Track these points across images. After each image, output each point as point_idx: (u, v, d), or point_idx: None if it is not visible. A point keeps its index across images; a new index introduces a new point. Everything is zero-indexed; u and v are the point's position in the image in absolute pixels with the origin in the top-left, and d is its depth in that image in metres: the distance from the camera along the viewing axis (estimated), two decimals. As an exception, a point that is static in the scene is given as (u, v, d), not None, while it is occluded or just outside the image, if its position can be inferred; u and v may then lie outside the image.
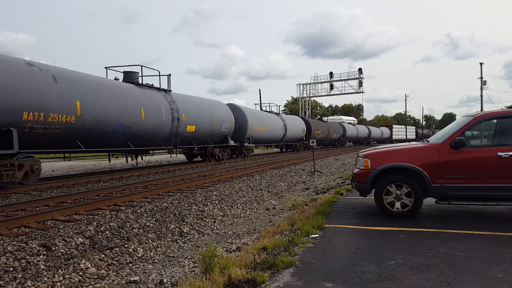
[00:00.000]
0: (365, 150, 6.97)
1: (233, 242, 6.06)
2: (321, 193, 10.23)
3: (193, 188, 10.24)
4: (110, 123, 12.41)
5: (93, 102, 11.71)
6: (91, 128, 11.68)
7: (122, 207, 7.61)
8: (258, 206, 9.55)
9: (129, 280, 4.55)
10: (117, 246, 5.55)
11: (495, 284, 3.39)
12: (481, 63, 48.02)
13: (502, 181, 5.65)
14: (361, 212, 6.78)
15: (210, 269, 3.86)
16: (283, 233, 5.52)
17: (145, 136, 14.27)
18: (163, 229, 6.73)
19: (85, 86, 11.66)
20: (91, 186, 10.79)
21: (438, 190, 5.89)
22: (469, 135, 6.14)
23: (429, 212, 6.63)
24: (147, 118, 13.99)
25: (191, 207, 8.23)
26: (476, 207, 6.97)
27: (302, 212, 6.96)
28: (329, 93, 52.62)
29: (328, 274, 3.72)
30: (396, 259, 4.11)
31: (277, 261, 3.96)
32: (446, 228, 5.41)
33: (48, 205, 7.70)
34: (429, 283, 3.43)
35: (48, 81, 10.40)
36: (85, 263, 4.81)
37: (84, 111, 11.23)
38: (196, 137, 17.59)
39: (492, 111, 6.48)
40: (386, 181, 6.15)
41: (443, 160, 5.89)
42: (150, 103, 14.35)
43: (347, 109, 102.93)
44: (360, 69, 50.41)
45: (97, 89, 12.16)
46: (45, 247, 5.03)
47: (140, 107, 13.66)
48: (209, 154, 18.91)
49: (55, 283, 4.28)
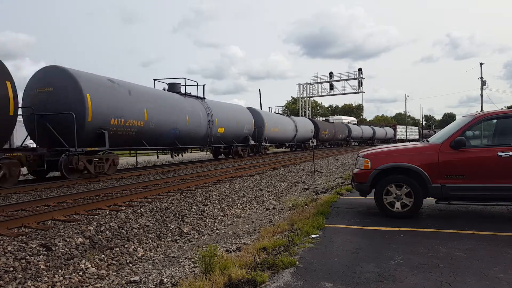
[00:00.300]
0: (365, 150, 6.97)
1: (233, 242, 6.06)
2: (321, 193, 10.23)
3: (193, 188, 10.23)
4: (166, 127, 15.42)
5: (156, 110, 14.63)
6: (154, 131, 14.65)
7: (122, 207, 7.61)
8: (258, 206, 9.55)
9: (129, 280, 4.55)
10: (117, 246, 5.55)
11: (495, 284, 3.39)
12: (481, 63, 48.12)
13: (502, 181, 5.64)
14: (361, 212, 6.78)
15: (210, 269, 3.86)
16: (283, 233, 5.52)
17: (188, 137, 17.27)
18: (163, 229, 6.73)
19: (149, 97, 14.65)
20: (91, 186, 10.79)
21: (438, 190, 5.89)
22: (469, 135, 6.14)
23: (429, 212, 6.63)
24: (190, 123, 17.05)
25: (191, 207, 8.23)
26: (476, 207, 6.97)
27: (302, 212, 6.96)
28: (329, 93, 52.62)
29: (328, 274, 3.72)
30: (396, 259, 4.11)
31: (277, 261, 3.96)
32: (446, 228, 5.41)
33: (48, 205, 7.70)
34: (429, 283, 3.43)
35: (125, 94, 13.31)
36: (85, 263, 4.81)
37: (149, 117, 14.20)
38: (225, 138, 20.50)
39: (492, 111, 6.48)
40: (386, 181, 6.15)
41: (443, 160, 5.89)
42: (192, 109, 17.44)
43: (347, 109, 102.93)
44: (360, 69, 50.44)
45: (158, 100, 15.18)
46: (45, 247, 5.03)
47: (186, 113, 16.82)
48: (233, 152, 21.86)
49: (55, 283, 4.28)
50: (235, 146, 21.87)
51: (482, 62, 48.09)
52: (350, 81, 50.66)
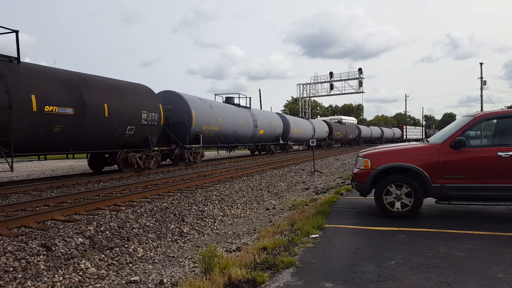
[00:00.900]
0: (365, 150, 6.97)
1: (233, 242, 6.05)
2: (321, 193, 10.23)
3: (193, 188, 10.24)
4: (230, 130, 21.13)
5: (225, 118, 20.30)
6: (224, 133, 20.37)
7: (122, 207, 7.61)
8: (258, 206, 9.55)
9: (129, 280, 4.55)
10: (117, 246, 5.55)
11: (495, 284, 3.39)
12: (481, 63, 48.05)
13: (502, 181, 5.64)
14: (361, 212, 6.77)
15: (210, 269, 3.86)
16: (283, 233, 5.52)
17: (242, 137, 23.07)
18: (163, 229, 6.73)
19: (221, 109, 20.48)
20: (91, 186, 10.79)
21: (438, 190, 5.89)
22: (469, 135, 6.14)
23: (429, 212, 6.63)
24: (243, 127, 22.70)
25: (191, 207, 8.23)
26: (476, 207, 6.97)
27: (302, 212, 6.96)
28: (329, 93, 52.60)
29: (328, 274, 3.72)
30: (396, 259, 4.11)
31: (277, 261, 3.96)
32: (446, 228, 5.41)
33: (48, 205, 7.70)
34: (429, 283, 3.43)
35: (208, 108, 19.03)
36: (85, 263, 4.81)
37: (222, 124, 19.90)
38: (263, 138, 26.55)
39: (492, 111, 6.48)
40: (386, 181, 6.15)
41: (443, 160, 5.89)
42: (244, 117, 23.01)
43: (347, 109, 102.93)
44: (360, 69, 50.40)
45: (226, 111, 20.93)
46: (45, 247, 5.03)
47: (241, 120, 22.37)
48: (267, 149, 28.02)
49: (55, 283, 4.28)
50: (269, 144, 27.97)
51: (482, 62, 48.07)
52: (350, 81, 50.67)
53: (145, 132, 14.20)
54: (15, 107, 9.54)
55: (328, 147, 41.89)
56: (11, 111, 9.42)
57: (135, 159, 13.87)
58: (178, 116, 16.72)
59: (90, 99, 11.68)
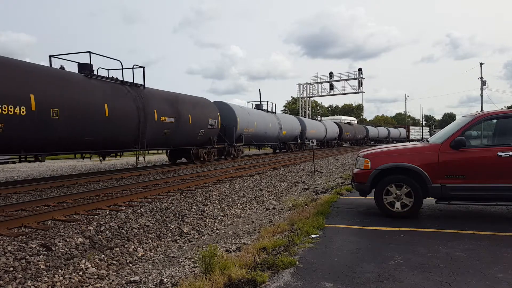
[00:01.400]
0: (365, 150, 6.96)
1: (233, 242, 6.05)
2: (321, 193, 10.23)
3: (193, 188, 10.23)
4: (262, 132, 25.29)
5: (258, 122, 24.39)
6: (257, 134, 24.57)
7: (122, 207, 7.61)
8: (258, 206, 9.55)
9: (129, 280, 4.55)
10: (117, 246, 5.55)
11: (495, 284, 3.39)
12: (481, 63, 48.00)
13: (502, 181, 5.64)
14: (361, 212, 6.77)
15: (210, 269, 3.86)
16: (283, 233, 5.52)
17: (270, 138, 27.26)
18: (163, 229, 6.73)
19: (255, 115, 24.63)
20: (91, 186, 10.79)
21: (438, 190, 5.88)
22: (469, 135, 6.14)
23: (429, 212, 6.63)
24: (271, 129, 26.73)
25: (191, 207, 8.23)
26: (476, 207, 6.97)
27: (302, 212, 6.96)
28: (329, 93, 52.60)
29: (328, 274, 3.72)
30: (396, 259, 4.11)
31: (277, 261, 3.96)
32: (446, 228, 5.41)
33: (48, 205, 7.70)
34: (429, 283, 3.43)
35: (247, 114, 23.23)
36: (85, 263, 4.81)
37: (257, 126, 24.13)
38: (285, 138, 30.39)
39: (492, 111, 6.48)
40: (386, 181, 6.15)
41: (443, 160, 5.89)
42: (271, 120, 27.20)
43: (347, 109, 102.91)
44: (360, 69, 50.41)
45: (258, 116, 25.19)
46: (45, 247, 5.03)
47: (269, 123, 26.55)
48: (287, 147, 32.24)
49: (55, 283, 4.28)
50: (289, 143, 32.08)
51: (482, 62, 48.00)
52: (350, 81, 50.68)
53: (209, 134, 18.91)
54: (147, 118, 14.00)
55: (338, 146, 45.68)
56: (143, 122, 13.83)
57: (202, 154, 18.62)
58: (228, 121, 21.11)
59: (182, 111, 16.42)
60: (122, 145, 13.50)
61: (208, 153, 19.13)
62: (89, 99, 11.62)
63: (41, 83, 10.21)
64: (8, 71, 9.52)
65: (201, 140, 18.36)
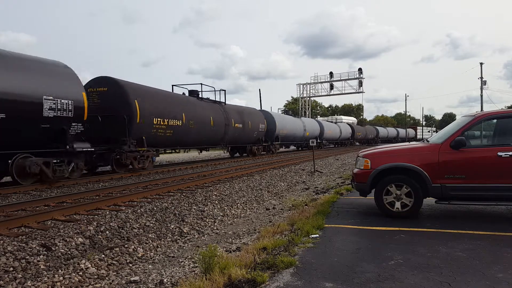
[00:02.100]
0: (365, 150, 6.97)
1: (233, 242, 6.06)
2: (321, 193, 10.23)
3: (193, 188, 10.24)
4: (291, 133, 31.62)
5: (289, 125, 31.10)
6: (288, 135, 30.82)
7: (122, 207, 7.61)
8: (258, 206, 9.55)
9: (129, 280, 4.55)
10: (117, 246, 5.55)
11: (495, 284, 3.39)
12: (481, 63, 47.96)
13: (502, 181, 5.65)
14: (361, 212, 6.78)
15: (210, 269, 3.86)
16: (283, 233, 5.52)
17: (297, 138, 33.71)
18: (163, 229, 6.73)
19: (287, 119, 31.64)
20: (91, 186, 10.79)
21: (438, 190, 5.89)
22: (469, 135, 6.14)
23: (429, 212, 6.63)
24: (298, 131, 33.05)
25: (191, 207, 8.23)
26: (476, 207, 6.97)
27: (302, 212, 6.96)
28: (329, 93, 52.62)
29: (328, 274, 3.72)
30: (396, 259, 4.11)
31: (277, 261, 3.96)
32: (446, 228, 5.41)
33: (48, 205, 7.70)
34: (429, 283, 3.43)
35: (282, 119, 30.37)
36: (85, 263, 4.81)
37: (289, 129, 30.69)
38: (308, 138, 34.99)
39: (492, 111, 6.48)
40: (386, 181, 6.15)
41: (443, 160, 5.89)
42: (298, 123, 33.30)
43: (347, 109, 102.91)
44: (360, 69, 50.44)
45: (290, 120, 32.25)
46: (45, 247, 5.03)
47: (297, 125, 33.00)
48: (308, 146, 35.05)
49: (55, 283, 4.28)
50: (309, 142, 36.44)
51: (482, 62, 47.94)
52: (350, 81, 50.71)
53: (259, 135, 26.24)
54: (228, 125, 21.04)
55: (351, 145, 50.67)
56: (227, 127, 20.87)
57: (255, 149, 25.80)
58: (270, 125, 27.82)
59: (245, 119, 23.45)
60: (216, 143, 20.96)
61: (257, 149, 26.32)
62: (203, 114, 18.64)
63: (185, 106, 17.38)
64: (177, 102, 17.01)
65: (254, 140, 25.87)
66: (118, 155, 13.15)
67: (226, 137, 21.00)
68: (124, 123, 13.22)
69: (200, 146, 20.48)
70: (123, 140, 13.34)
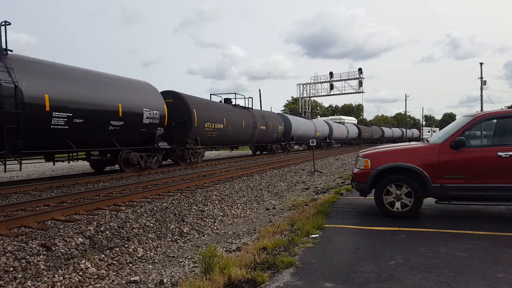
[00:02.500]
0: (365, 150, 6.96)
1: (233, 242, 6.05)
2: (321, 193, 10.23)
3: (193, 188, 10.23)
4: (304, 134, 34.70)
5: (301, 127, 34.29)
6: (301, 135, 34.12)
7: (122, 207, 7.61)
8: (258, 206, 9.55)
9: (129, 280, 4.55)
10: (117, 246, 5.55)
11: (495, 284, 3.39)
12: (481, 63, 47.93)
13: (502, 181, 5.64)
14: (361, 212, 6.77)
15: (210, 269, 3.86)
16: (283, 233, 5.52)
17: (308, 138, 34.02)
18: (163, 229, 6.73)
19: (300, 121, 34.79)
20: (91, 186, 10.79)
21: (438, 190, 5.88)
22: (469, 135, 6.14)
23: (429, 212, 6.63)
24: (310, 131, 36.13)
25: (191, 207, 8.23)
26: (476, 207, 6.97)
27: (302, 212, 6.96)
28: (329, 93, 52.57)
29: (328, 274, 3.72)
30: (396, 259, 4.11)
31: (277, 261, 3.96)
32: (446, 228, 5.41)
33: (48, 205, 7.70)
34: (429, 283, 3.43)
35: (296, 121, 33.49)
36: (85, 263, 4.81)
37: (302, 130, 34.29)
38: (319, 138, 39.05)
39: (492, 111, 6.48)
40: (386, 181, 6.15)
41: (443, 160, 5.89)
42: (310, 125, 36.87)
43: (347, 109, 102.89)
44: (360, 69, 50.38)
45: (302, 122, 35.30)
46: (45, 247, 5.03)
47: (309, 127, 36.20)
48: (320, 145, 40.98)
49: (55, 283, 4.28)
50: (321, 142, 41.09)
51: (482, 62, 47.90)
52: (350, 81, 50.64)
53: (278, 135, 29.84)
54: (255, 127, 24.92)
55: (357, 144, 53.08)
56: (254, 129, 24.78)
57: (274, 148, 29.53)
58: (286, 126, 31.20)
59: (268, 122, 27.09)
60: (245, 142, 25.24)
61: (276, 148, 29.88)
62: (237, 119, 22.24)
63: (225, 112, 21.16)
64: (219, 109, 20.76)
65: (274, 140, 29.50)
66: (181, 152, 17.17)
67: (254, 137, 25.34)
68: (187, 127, 17.17)
69: (234, 145, 25.16)
70: (186, 140, 17.18)
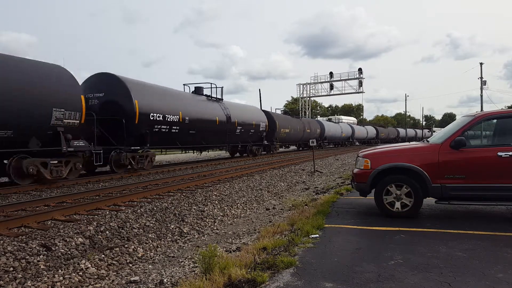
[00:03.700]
0: (365, 150, 6.96)
1: (233, 242, 6.06)
2: (321, 193, 10.23)
3: (193, 188, 10.23)
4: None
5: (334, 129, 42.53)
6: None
7: (122, 207, 7.61)
8: (258, 206, 9.55)
9: (129, 280, 4.55)
10: (117, 246, 5.55)
11: (495, 284, 3.39)
12: (481, 63, 47.91)
13: (502, 181, 5.64)
14: (361, 212, 6.77)
15: (210, 269, 3.86)
16: (283, 233, 5.52)
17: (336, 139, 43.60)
18: (163, 229, 6.73)
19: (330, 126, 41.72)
20: (91, 186, 10.79)
21: (438, 190, 5.88)
22: (469, 135, 6.14)
23: (429, 212, 6.63)
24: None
25: (191, 207, 8.23)
26: (476, 207, 6.97)
27: (302, 212, 6.96)
28: (329, 93, 52.56)
29: (328, 274, 3.72)
30: (396, 259, 4.11)
31: (277, 261, 3.96)
32: (446, 228, 5.41)
33: (48, 205, 7.70)
34: (429, 283, 3.43)
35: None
36: (85, 263, 4.81)
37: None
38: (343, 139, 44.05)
39: (492, 111, 6.48)
40: (386, 181, 6.15)
41: (443, 160, 5.89)
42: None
43: (347, 109, 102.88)
44: (360, 69, 50.37)
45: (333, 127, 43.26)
46: (45, 247, 5.03)
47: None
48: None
49: (55, 283, 4.28)
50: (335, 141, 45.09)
51: (482, 62, 47.87)
52: (350, 81, 50.63)
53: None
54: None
55: (375, 144, 54.32)
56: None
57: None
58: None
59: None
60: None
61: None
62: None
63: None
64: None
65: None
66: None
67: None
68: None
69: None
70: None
